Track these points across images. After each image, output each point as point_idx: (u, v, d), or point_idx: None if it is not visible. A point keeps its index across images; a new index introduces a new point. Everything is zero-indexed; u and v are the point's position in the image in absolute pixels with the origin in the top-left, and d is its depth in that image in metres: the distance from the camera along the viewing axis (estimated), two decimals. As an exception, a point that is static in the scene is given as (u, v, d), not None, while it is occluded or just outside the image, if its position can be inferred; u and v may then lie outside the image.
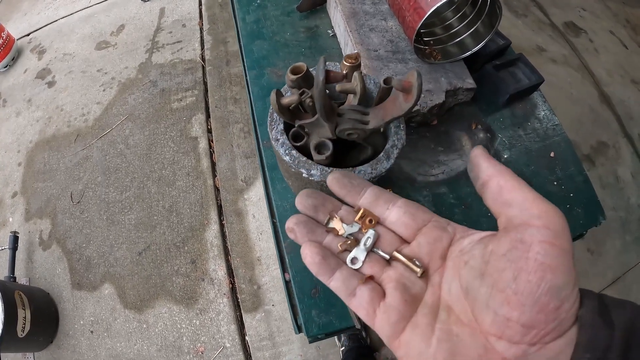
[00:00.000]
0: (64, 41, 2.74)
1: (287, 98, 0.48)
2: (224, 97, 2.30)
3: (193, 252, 1.87)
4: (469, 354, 0.26)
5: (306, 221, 0.35)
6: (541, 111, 0.97)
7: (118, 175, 2.10)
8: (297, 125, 0.51)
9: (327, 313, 0.73)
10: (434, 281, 0.31)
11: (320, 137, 0.51)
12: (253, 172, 2.04)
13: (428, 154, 0.87)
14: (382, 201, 0.35)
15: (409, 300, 0.30)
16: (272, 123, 0.55)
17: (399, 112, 0.41)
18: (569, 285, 0.24)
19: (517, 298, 0.24)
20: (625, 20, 2.89)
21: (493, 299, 0.25)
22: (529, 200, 0.26)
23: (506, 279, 0.25)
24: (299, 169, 0.51)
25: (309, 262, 0.33)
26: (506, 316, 0.24)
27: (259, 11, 1.11)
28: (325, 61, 0.39)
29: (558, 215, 0.25)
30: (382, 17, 0.95)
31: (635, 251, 1.96)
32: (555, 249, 0.24)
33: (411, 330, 0.29)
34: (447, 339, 0.28)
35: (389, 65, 0.85)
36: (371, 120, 0.46)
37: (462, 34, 0.90)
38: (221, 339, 1.70)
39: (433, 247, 0.32)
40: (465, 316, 0.28)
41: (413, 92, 0.38)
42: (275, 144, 0.53)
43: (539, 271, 0.24)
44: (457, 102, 0.91)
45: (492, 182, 0.28)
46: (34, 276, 1.91)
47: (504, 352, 0.25)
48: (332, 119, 0.46)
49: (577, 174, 0.90)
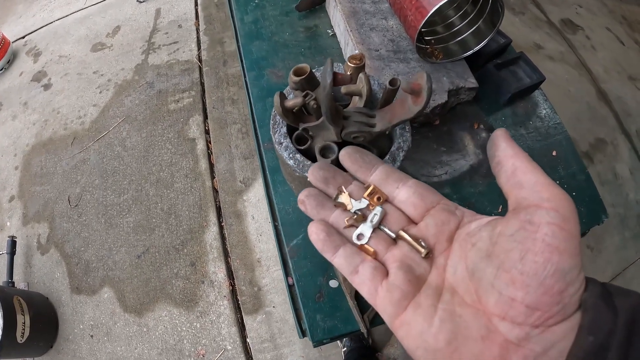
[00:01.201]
0: (59, 43, 2.72)
1: (291, 101, 0.47)
2: (221, 98, 2.29)
3: (192, 254, 1.86)
4: (471, 335, 0.26)
5: (317, 194, 0.35)
6: (542, 110, 0.96)
7: (116, 178, 2.08)
8: (301, 128, 0.50)
9: (332, 317, 0.72)
10: (438, 263, 0.31)
11: (325, 140, 0.50)
12: (252, 173, 2.03)
13: (431, 155, 0.87)
14: (392, 179, 0.35)
15: (412, 280, 0.30)
16: (275, 126, 0.54)
17: (407, 115, 0.40)
18: (574, 269, 0.24)
19: (522, 278, 0.24)
20: (621, 17, 2.90)
21: (498, 279, 0.25)
22: (540, 184, 0.26)
23: (513, 259, 0.25)
24: (304, 173, 0.50)
25: (314, 238, 0.33)
26: (511, 296, 0.24)
27: (257, 11, 1.10)
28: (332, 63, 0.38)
29: (568, 201, 0.25)
30: (383, 16, 0.95)
31: (634, 247, 1.96)
32: (564, 232, 0.24)
33: (413, 310, 0.29)
34: (450, 319, 0.27)
35: (390, 65, 0.85)
36: (378, 123, 0.46)
37: (463, 32, 0.90)
38: (222, 341, 1.69)
39: (440, 229, 0.32)
40: (469, 297, 0.28)
41: (423, 95, 0.37)
42: (278, 148, 0.52)
43: (546, 252, 0.24)
44: (459, 101, 0.90)
45: (507, 162, 0.28)
46: (33, 281, 1.90)
47: (506, 334, 0.25)
48: (337, 122, 0.45)
49: (579, 173, 0.90)
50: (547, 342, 0.24)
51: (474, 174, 0.85)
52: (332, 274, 0.74)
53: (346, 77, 0.45)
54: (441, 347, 0.26)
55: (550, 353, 0.23)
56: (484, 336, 0.25)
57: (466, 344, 0.26)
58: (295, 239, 0.77)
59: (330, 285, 0.74)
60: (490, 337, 0.25)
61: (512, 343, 0.24)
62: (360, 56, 0.50)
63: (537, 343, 0.24)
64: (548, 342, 0.24)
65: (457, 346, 0.26)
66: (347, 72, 0.51)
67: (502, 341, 0.25)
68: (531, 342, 0.24)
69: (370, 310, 0.72)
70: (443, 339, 0.26)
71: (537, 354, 0.24)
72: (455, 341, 0.26)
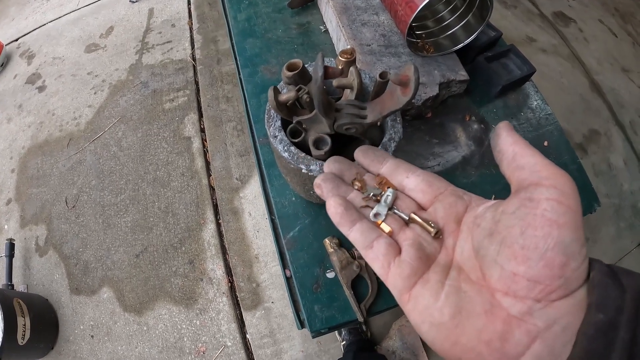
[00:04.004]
0: (53, 45, 2.72)
1: (284, 95, 0.48)
2: (216, 96, 2.30)
3: (190, 252, 1.87)
4: (474, 310, 0.27)
5: (333, 178, 0.37)
6: (534, 101, 0.97)
7: (112, 178, 2.09)
8: (294, 122, 0.51)
9: (329, 307, 0.73)
10: (447, 244, 0.32)
11: (318, 133, 0.51)
12: (248, 170, 2.04)
13: (423, 147, 0.88)
14: (402, 170, 0.37)
15: (422, 257, 0.31)
16: (269, 120, 0.55)
17: (396, 106, 0.41)
18: (575, 243, 0.24)
19: (523, 252, 0.24)
20: (614, 8, 2.91)
21: (501, 255, 0.26)
22: (539, 164, 0.27)
23: (514, 234, 0.25)
24: (298, 165, 0.51)
25: (332, 212, 0.34)
26: (513, 271, 0.25)
27: (250, 9, 1.11)
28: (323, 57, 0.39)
29: (567, 178, 0.26)
30: (374, 12, 0.96)
31: (629, 237, 1.98)
32: (563, 207, 0.24)
33: (421, 286, 0.30)
34: (455, 295, 0.28)
35: (382, 59, 0.86)
36: (369, 115, 0.47)
37: (453, 26, 0.91)
38: (222, 338, 1.70)
39: (448, 213, 0.33)
40: (474, 275, 0.29)
41: (411, 86, 0.39)
42: (273, 141, 0.53)
43: (545, 227, 0.24)
44: (450, 94, 0.91)
45: (508, 149, 0.29)
46: (32, 283, 1.90)
47: (509, 308, 0.25)
48: (330, 115, 0.46)
49: (570, 162, 0.91)
50: (550, 317, 0.24)
51: (466, 165, 0.86)
52: (329, 264, 0.75)
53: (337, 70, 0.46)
54: (445, 321, 0.27)
55: (554, 329, 0.24)
56: (487, 311, 0.26)
57: (469, 318, 0.27)
58: (292, 231, 0.78)
59: (327, 276, 0.75)
60: (493, 312, 0.26)
61: (515, 318, 0.25)
62: (351, 50, 0.51)
63: (540, 318, 0.24)
64: (551, 317, 0.24)
65: (460, 320, 0.27)
66: (339, 66, 0.52)
67: (505, 316, 0.25)
68: (534, 316, 0.24)
69: (367, 299, 0.73)
70: (447, 313, 0.27)
71: (540, 329, 0.24)
72: (459, 315, 0.27)
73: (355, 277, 0.74)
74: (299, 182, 0.59)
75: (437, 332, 0.28)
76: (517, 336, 0.24)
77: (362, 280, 0.75)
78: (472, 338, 0.26)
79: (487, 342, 0.25)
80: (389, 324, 1.69)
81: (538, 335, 0.24)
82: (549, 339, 0.24)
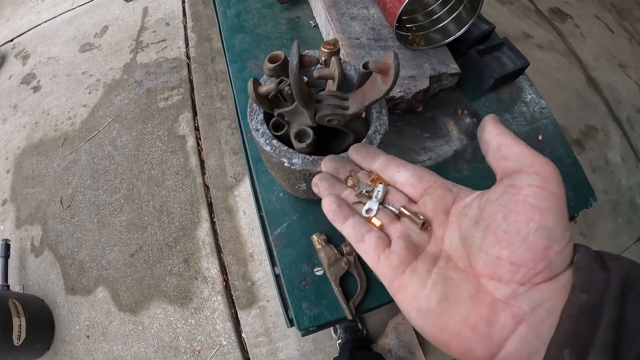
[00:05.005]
0: (47, 45, 2.71)
1: (264, 87, 0.47)
2: (210, 95, 2.28)
3: (185, 251, 1.85)
4: (461, 295, 0.27)
5: (329, 177, 0.40)
6: (527, 95, 0.96)
7: (107, 178, 2.07)
8: (276, 114, 0.50)
9: (317, 305, 0.72)
10: (437, 235, 0.33)
11: (300, 125, 0.50)
12: (242, 168, 2.03)
13: (414, 141, 0.87)
14: (393, 165, 0.38)
15: (410, 248, 0.32)
16: (251, 113, 0.54)
17: (377, 95, 0.40)
18: (558, 227, 0.24)
19: (506, 237, 0.25)
20: (610, 4, 2.90)
21: (485, 240, 0.26)
22: (523, 154, 0.27)
23: (497, 220, 0.26)
24: (280, 159, 0.50)
25: (327, 209, 0.37)
26: (496, 255, 0.25)
27: (240, 4, 1.10)
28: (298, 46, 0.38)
29: (549, 165, 0.26)
30: (364, 5, 0.95)
31: (627, 233, 1.97)
32: (545, 192, 0.25)
33: (410, 274, 0.30)
34: (442, 282, 0.29)
35: (371, 53, 0.85)
36: (351, 105, 0.46)
37: (444, 19, 0.90)
38: (217, 337, 1.69)
39: (437, 204, 0.34)
40: (462, 263, 0.29)
41: (390, 73, 0.38)
42: (255, 134, 0.52)
43: (527, 211, 0.25)
44: (442, 87, 0.90)
45: (493, 140, 0.30)
46: (28, 283, 1.89)
47: (494, 292, 0.26)
48: (310, 106, 0.45)
49: (566, 157, 0.90)
50: (534, 300, 0.24)
51: (457, 159, 0.85)
52: (317, 261, 0.74)
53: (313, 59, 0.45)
54: (432, 307, 0.28)
55: (539, 311, 0.24)
56: (473, 296, 0.26)
57: (456, 304, 0.27)
58: (279, 227, 0.77)
59: (315, 273, 0.74)
60: (479, 297, 0.26)
61: (500, 302, 0.25)
62: (334, 41, 0.50)
63: (525, 301, 0.24)
64: (535, 300, 0.24)
65: (447, 306, 0.27)
66: (322, 57, 0.51)
67: (490, 300, 0.25)
68: (519, 300, 0.24)
69: (356, 297, 0.72)
70: (434, 300, 0.28)
71: (525, 312, 0.24)
72: (445, 302, 0.27)
73: (344, 274, 0.72)
74: (284, 177, 0.58)
75: (425, 319, 0.28)
76: (502, 320, 0.25)
77: (351, 277, 0.73)
78: (458, 323, 0.26)
79: (473, 327, 0.25)
80: (384, 322, 1.68)
81: (523, 318, 0.24)
82: (534, 322, 0.24)
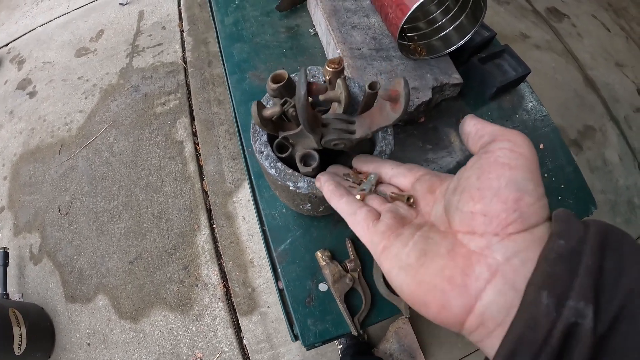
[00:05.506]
0: (43, 49, 2.68)
1: (269, 110, 0.46)
2: (207, 99, 2.27)
3: (185, 257, 1.85)
4: (438, 251, 0.28)
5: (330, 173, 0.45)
6: (529, 102, 0.96)
7: (105, 184, 2.06)
8: (281, 137, 0.49)
9: (322, 321, 0.72)
10: (424, 211, 0.35)
11: (305, 148, 0.49)
12: (241, 173, 2.02)
13: (416, 153, 0.86)
14: (387, 164, 0.42)
15: (397, 218, 0.34)
16: (255, 135, 0.53)
17: (386, 122, 0.40)
18: (529, 181, 0.26)
19: (479, 193, 0.27)
20: (607, 3, 2.90)
21: (461, 201, 0.28)
22: (497, 129, 0.29)
23: (471, 182, 0.28)
24: (286, 182, 0.49)
25: (325, 189, 0.41)
26: (471, 210, 0.27)
27: (238, 12, 1.08)
28: (306, 73, 0.37)
29: (520, 134, 0.28)
30: (364, 14, 0.94)
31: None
32: (515, 153, 0.26)
33: (395, 237, 0.32)
34: (423, 241, 0.30)
35: (372, 64, 0.84)
36: (357, 129, 0.45)
37: (446, 28, 0.89)
38: (219, 343, 1.69)
39: (425, 186, 0.36)
40: (443, 227, 0.31)
41: (401, 102, 0.37)
42: (259, 157, 0.51)
43: (498, 169, 0.26)
44: (444, 97, 0.89)
45: (472, 129, 0.32)
46: (27, 291, 1.88)
47: (469, 244, 0.27)
48: (317, 131, 0.44)
49: (566, 164, 0.90)
50: (508, 250, 0.25)
51: (460, 170, 0.85)
52: (321, 277, 0.74)
53: (321, 87, 0.44)
54: (411, 262, 0.29)
55: (513, 261, 0.24)
56: (449, 251, 0.28)
57: (434, 259, 0.28)
58: (283, 244, 0.76)
59: (320, 289, 0.73)
60: (455, 250, 0.27)
61: (474, 253, 0.26)
62: (339, 60, 0.50)
63: (499, 251, 0.25)
64: (509, 250, 0.25)
65: (425, 261, 0.28)
66: (326, 76, 0.51)
67: (465, 252, 0.27)
68: (493, 250, 0.25)
69: (361, 313, 0.71)
70: (414, 256, 0.29)
71: (500, 263, 0.25)
72: (423, 257, 0.29)
73: (349, 290, 0.72)
74: (288, 197, 0.58)
75: (405, 275, 0.29)
76: (477, 270, 0.25)
77: (356, 293, 0.73)
78: (435, 275, 0.27)
79: (449, 278, 0.26)
80: (385, 327, 1.68)
81: (498, 268, 0.25)
82: (508, 272, 0.24)
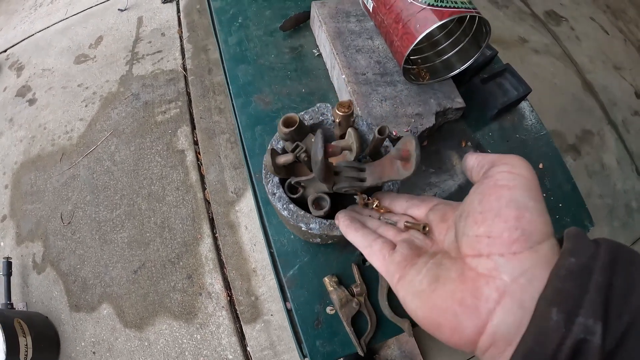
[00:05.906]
0: (42, 56, 2.67)
1: (282, 157, 0.48)
2: (208, 108, 2.28)
3: (188, 267, 1.86)
4: (449, 276, 0.29)
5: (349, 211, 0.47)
6: (529, 121, 0.98)
7: (107, 193, 2.07)
8: (293, 182, 0.51)
9: (330, 342, 0.74)
10: (438, 239, 0.37)
11: (317, 191, 0.51)
12: (242, 183, 2.03)
13: (419, 177, 0.88)
14: (401, 198, 0.45)
15: (413, 248, 0.36)
16: (267, 176, 0.55)
17: (396, 177, 0.41)
18: (528, 199, 0.27)
19: (482, 216, 0.28)
20: (605, 5, 2.91)
21: (466, 226, 0.29)
22: (495, 156, 0.31)
23: (474, 206, 0.29)
24: (298, 224, 0.51)
25: (341, 224, 0.44)
26: (475, 234, 0.28)
27: (241, 31, 1.09)
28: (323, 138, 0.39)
29: (519, 157, 0.30)
30: (368, 36, 0.95)
31: (623, 237, 2.00)
32: (513, 175, 0.28)
33: (410, 267, 0.33)
34: (435, 268, 0.31)
35: (377, 89, 0.85)
36: (368, 178, 0.47)
37: (448, 51, 0.91)
38: (223, 351, 1.71)
39: (439, 215, 0.38)
40: (455, 253, 0.32)
41: (412, 162, 0.39)
42: (272, 198, 0.53)
43: (498, 190, 0.28)
44: (446, 120, 0.91)
45: (474, 163, 0.33)
46: (31, 300, 1.89)
47: (477, 267, 0.27)
48: (329, 180, 0.46)
49: (565, 183, 0.91)
50: (515, 270, 0.25)
51: (462, 193, 0.86)
52: (329, 301, 0.76)
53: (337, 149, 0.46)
54: (424, 288, 0.30)
55: (520, 281, 0.25)
56: (459, 274, 0.28)
57: (445, 283, 0.29)
58: (292, 269, 0.78)
59: (327, 312, 0.75)
60: (464, 274, 0.28)
61: (483, 275, 0.27)
62: (349, 104, 0.51)
63: (506, 272, 0.25)
64: (516, 270, 0.25)
65: (437, 286, 0.29)
66: (336, 119, 0.52)
67: (474, 275, 0.27)
68: (500, 271, 0.26)
69: (367, 334, 0.74)
70: (426, 282, 0.31)
71: (507, 283, 0.25)
72: (435, 282, 0.30)
73: (355, 313, 0.74)
74: (299, 232, 0.59)
75: (418, 300, 0.30)
76: (486, 292, 0.26)
77: (362, 316, 0.75)
78: (446, 299, 0.28)
79: (460, 301, 0.27)
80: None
81: (506, 289, 0.25)
82: (516, 291, 0.25)
